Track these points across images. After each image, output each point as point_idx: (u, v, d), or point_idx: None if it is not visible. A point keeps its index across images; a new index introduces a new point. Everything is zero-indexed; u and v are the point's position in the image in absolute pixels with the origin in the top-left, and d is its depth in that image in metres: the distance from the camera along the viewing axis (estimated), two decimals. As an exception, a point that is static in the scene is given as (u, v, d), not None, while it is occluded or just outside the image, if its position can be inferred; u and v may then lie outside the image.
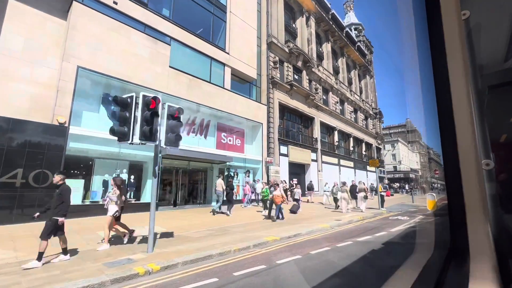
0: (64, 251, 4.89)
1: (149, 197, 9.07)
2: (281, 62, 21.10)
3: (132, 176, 11.76)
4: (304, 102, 22.96)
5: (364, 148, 34.71)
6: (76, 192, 9.74)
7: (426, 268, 1.40)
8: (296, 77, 22.99)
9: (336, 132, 27.93)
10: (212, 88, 14.95)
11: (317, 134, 24.31)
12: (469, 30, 1.20)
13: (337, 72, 31.69)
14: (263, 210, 11.59)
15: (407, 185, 39.17)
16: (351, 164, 30.22)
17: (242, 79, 18.00)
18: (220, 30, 16.80)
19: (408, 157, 55.60)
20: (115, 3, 11.46)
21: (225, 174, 15.03)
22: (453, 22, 1.12)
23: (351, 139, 31.21)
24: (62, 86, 9.41)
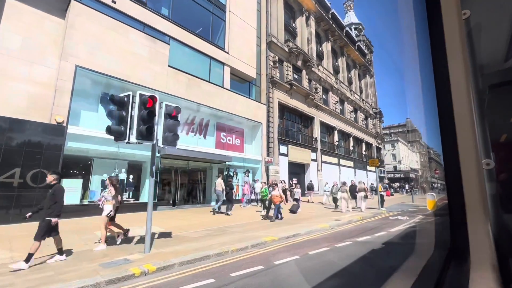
0: (60, 251, 4.84)
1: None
2: (280, 62, 21.05)
3: (131, 176, 11.73)
4: (304, 102, 22.91)
5: (364, 148, 34.68)
6: (75, 191, 9.71)
7: (426, 268, 1.41)
8: (296, 76, 22.94)
9: (336, 132, 27.89)
10: (212, 88, 14.90)
11: (317, 134, 24.26)
12: (469, 30, 1.21)
13: (337, 71, 31.63)
14: (262, 210, 11.54)
15: (407, 184, 39.17)
16: (351, 163, 30.19)
17: (241, 79, 17.95)
18: (220, 30, 16.75)
19: (408, 156, 55.59)
20: (113, 2, 11.41)
21: (224, 173, 14.99)
22: (453, 21, 1.12)
23: (351, 138, 31.17)
24: (60, 86, 9.37)
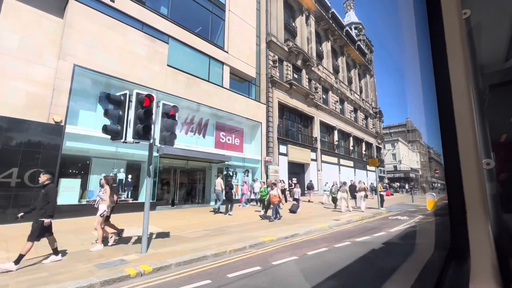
0: (55, 252, 4.79)
1: (146, 196, 8.97)
2: (280, 61, 20.99)
3: (130, 176, 11.69)
4: (303, 101, 22.85)
5: (364, 148, 34.63)
6: (73, 191, 9.67)
7: (426, 268, 1.42)
8: (296, 76, 22.88)
9: (336, 132, 27.84)
10: (211, 87, 14.84)
11: (316, 134, 24.20)
12: (469, 30, 1.21)
13: (337, 71, 31.57)
14: (261, 210, 11.49)
15: (407, 184, 39.18)
16: (351, 163, 30.14)
17: (241, 78, 17.90)
18: (219, 29, 16.69)
19: (408, 156, 55.57)
20: (112, 0, 11.35)
21: (224, 173, 14.94)
22: (453, 21, 1.11)
23: (351, 138, 31.12)
24: (58, 85, 9.33)
